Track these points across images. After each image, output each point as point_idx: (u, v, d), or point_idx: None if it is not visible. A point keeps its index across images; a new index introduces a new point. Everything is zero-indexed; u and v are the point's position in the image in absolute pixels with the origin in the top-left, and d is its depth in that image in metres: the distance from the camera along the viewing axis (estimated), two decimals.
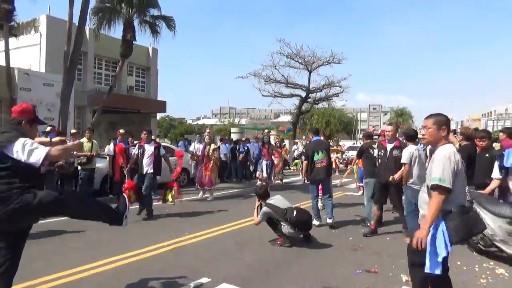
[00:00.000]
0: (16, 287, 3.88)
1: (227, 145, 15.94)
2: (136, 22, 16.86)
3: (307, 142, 7.63)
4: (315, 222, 6.81)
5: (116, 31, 17.17)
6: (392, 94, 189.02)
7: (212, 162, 10.39)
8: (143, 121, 25.36)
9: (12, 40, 15.44)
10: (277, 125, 46.97)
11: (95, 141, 9.91)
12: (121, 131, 10.35)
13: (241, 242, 6.03)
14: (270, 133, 23.12)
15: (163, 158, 8.17)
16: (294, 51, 25.39)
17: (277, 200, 6.08)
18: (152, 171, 7.91)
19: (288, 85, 26.33)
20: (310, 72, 26.27)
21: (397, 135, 7.02)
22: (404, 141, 6.56)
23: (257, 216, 6.07)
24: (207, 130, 11.83)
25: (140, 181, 7.92)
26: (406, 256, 3.16)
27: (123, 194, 4.93)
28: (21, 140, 2.92)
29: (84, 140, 9.52)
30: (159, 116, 41.71)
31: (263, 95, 26.66)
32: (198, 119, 76.10)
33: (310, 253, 5.58)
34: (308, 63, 25.99)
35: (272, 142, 19.26)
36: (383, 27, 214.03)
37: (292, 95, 27.08)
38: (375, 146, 7.19)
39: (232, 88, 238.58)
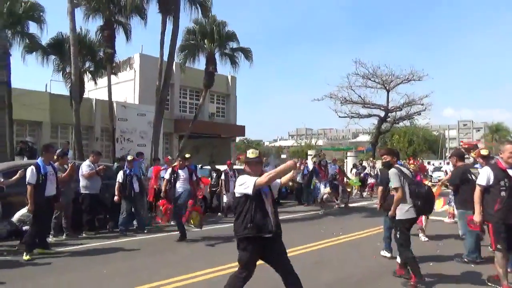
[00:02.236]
0: None
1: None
2: (217, 55, 18.32)
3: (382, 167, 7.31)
4: (386, 253, 6.53)
5: (200, 64, 18.86)
6: (485, 108, 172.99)
7: None
8: (223, 145, 26.83)
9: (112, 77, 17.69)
10: (356, 145, 45.99)
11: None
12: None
13: (320, 261, 6.30)
14: (347, 154, 22.76)
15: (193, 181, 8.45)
16: (370, 71, 25.21)
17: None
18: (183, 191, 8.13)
19: (365, 105, 26.03)
20: (388, 91, 25.79)
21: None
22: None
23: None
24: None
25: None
26: None
27: None
28: (238, 181, 4.03)
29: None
30: (238, 139, 43.60)
31: (339, 116, 26.64)
32: (275, 140, 77.35)
33: (389, 275, 5.66)
34: (386, 82, 25.57)
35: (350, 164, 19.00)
36: (469, 35, 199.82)
37: (369, 115, 26.68)
38: (476, 170, 6.30)
39: (308, 109, 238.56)
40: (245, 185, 3.91)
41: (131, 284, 5.08)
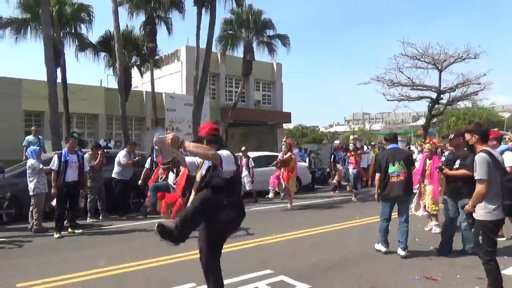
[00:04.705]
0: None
1: (342, 153, 16.03)
2: (255, 43, 18.67)
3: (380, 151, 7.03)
4: (381, 248, 5.93)
5: (240, 53, 19.36)
6: None
7: (289, 172, 10.22)
8: (271, 132, 27.23)
9: (159, 70, 18.76)
10: (416, 129, 43.86)
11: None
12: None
13: (316, 243, 6.53)
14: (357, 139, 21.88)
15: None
16: (420, 51, 23.97)
17: None
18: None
19: (415, 87, 24.87)
20: (440, 71, 24.37)
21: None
22: None
23: None
24: (284, 139, 11.57)
25: None
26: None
27: None
28: None
29: None
30: (292, 125, 43.89)
31: (387, 100, 25.73)
32: (331, 126, 76.09)
33: (378, 257, 5.77)
34: (438, 62, 24.15)
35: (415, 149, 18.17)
36: None
37: (420, 98, 25.45)
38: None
39: (365, 93, 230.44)
40: None
41: (138, 258, 5.73)
